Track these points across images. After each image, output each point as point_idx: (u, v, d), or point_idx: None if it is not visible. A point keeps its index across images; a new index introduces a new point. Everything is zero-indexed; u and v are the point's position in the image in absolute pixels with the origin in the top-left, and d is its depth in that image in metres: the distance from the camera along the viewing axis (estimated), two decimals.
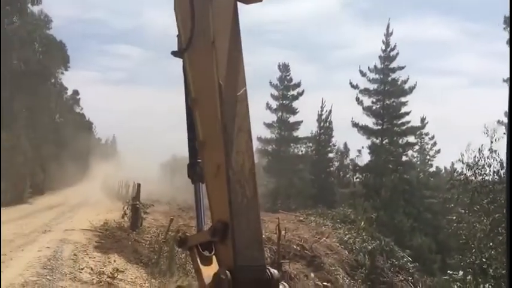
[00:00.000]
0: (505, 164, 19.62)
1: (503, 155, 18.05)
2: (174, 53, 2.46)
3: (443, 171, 56.87)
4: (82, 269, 10.38)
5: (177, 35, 2.44)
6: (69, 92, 68.47)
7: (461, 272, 17.76)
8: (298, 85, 49.84)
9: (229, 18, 2.15)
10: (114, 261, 11.77)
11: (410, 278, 21.71)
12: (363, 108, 45.25)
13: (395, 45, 44.47)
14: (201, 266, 2.30)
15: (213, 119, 2.09)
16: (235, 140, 2.03)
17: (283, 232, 18.38)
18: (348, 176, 50.55)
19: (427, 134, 53.48)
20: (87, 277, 9.77)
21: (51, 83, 46.87)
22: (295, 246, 19.43)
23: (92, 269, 10.53)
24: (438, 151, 54.33)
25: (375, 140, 45.01)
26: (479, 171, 18.32)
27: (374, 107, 45.14)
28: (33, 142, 38.19)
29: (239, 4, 2.24)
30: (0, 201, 19.98)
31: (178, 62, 2.45)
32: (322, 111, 51.03)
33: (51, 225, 17.61)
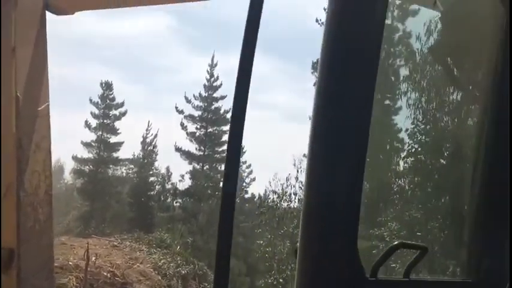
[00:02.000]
0: None
1: None
2: None
3: (256, 197, 60.93)
4: None
5: None
6: None
7: None
8: (121, 105, 48.32)
9: (36, 26, 1.99)
10: None
11: None
12: (187, 134, 46.30)
13: (218, 76, 46.83)
14: None
15: (7, 133, 1.90)
16: (31, 158, 1.86)
17: (93, 258, 17.46)
18: (168, 200, 50.44)
19: (244, 163, 56.95)
20: None
21: None
22: (105, 273, 18.46)
23: None
24: (254, 179, 58.28)
25: (196, 165, 46.33)
26: (286, 198, 20.19)
27: (198, 133, 46.53)
28: None
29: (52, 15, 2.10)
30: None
31: None
32: (147, 133, 50.32)
33: None
